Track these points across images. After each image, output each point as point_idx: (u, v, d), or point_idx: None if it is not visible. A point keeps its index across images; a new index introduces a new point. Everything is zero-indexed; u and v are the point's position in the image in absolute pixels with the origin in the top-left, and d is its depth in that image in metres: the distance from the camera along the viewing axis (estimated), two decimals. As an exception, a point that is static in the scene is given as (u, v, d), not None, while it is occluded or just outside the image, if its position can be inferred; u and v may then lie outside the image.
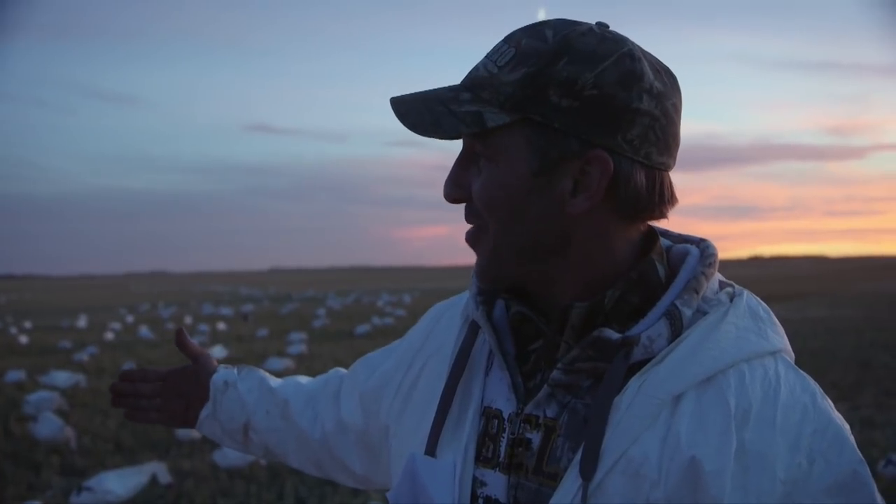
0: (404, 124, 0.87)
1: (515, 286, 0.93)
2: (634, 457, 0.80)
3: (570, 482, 0.82)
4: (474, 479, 0.91)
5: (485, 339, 0.97)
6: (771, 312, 0.90)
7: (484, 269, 0.91)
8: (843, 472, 0.80)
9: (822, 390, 0.86)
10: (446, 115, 0.86)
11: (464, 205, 0.91)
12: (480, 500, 0.90)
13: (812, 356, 12.62)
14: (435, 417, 0.95)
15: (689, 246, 0.94)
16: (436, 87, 0.89)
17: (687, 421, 0.80)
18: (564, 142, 0.84)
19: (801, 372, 0.87)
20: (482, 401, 0.94)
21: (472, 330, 0.97)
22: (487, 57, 0.88)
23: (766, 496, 0.78)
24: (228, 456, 7.02)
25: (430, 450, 0.94)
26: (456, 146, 0.91)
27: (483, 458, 0.91)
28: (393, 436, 1.07)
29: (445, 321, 1.07)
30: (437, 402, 0.96)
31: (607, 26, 0.87)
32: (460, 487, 0.90)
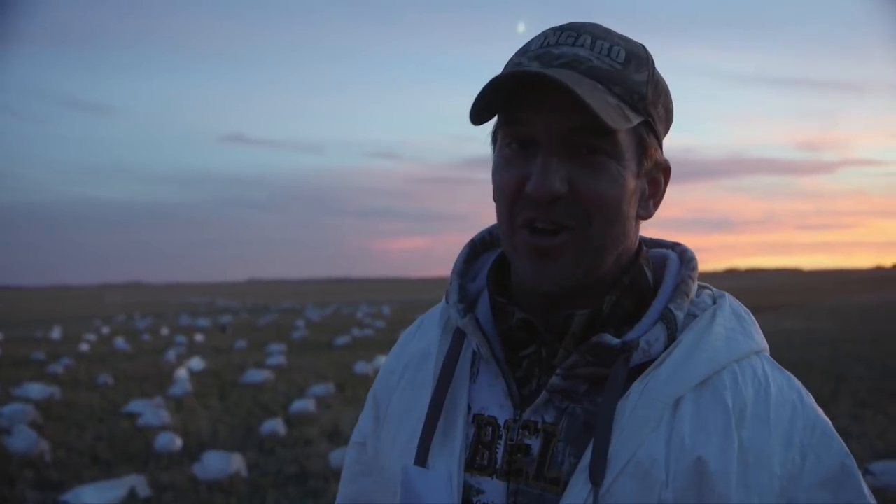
0: (596, 108, 0.77)
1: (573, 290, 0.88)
2: (643, 460, 0.81)
3: (579, 487, 0.82)
4: (470, 487, 0.90)
5: (466, 346, 0.95)
6: (750, 312, 0.93)
7: (567, 274, 0.85)
8: (833, 466, 0.84)
9: (805, 388, 0.90)
10: (604, 102, 0.80)
11: (543, 203, 0.84)
12: None
13: (788, 367, 12.52)
14: (424, 427, 0.93)
15: (665, 251, 0.96)
16: (413, 94, 0.87)
17: (688, 422, 0.82)
18: (657, 148, 0.89)
19: (784, 370, 0.90)
20: (470, 408, 0.93)
21: (458, 338, 0.95)
22: (587, 48, 0.83)
23: (766, 492, 0.81)
24: (208, 468, 6.96)
25: (421, 460, 0.92)
26: (436, 153, 0.87)
27: (478, 465, 0.90)
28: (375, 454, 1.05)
29: (419, 336, 1.04)
30: (420, 412, 0.94)
31: None
32: (457, 497, 0.89)
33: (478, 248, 1.02)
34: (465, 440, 0.92)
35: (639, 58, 0.86)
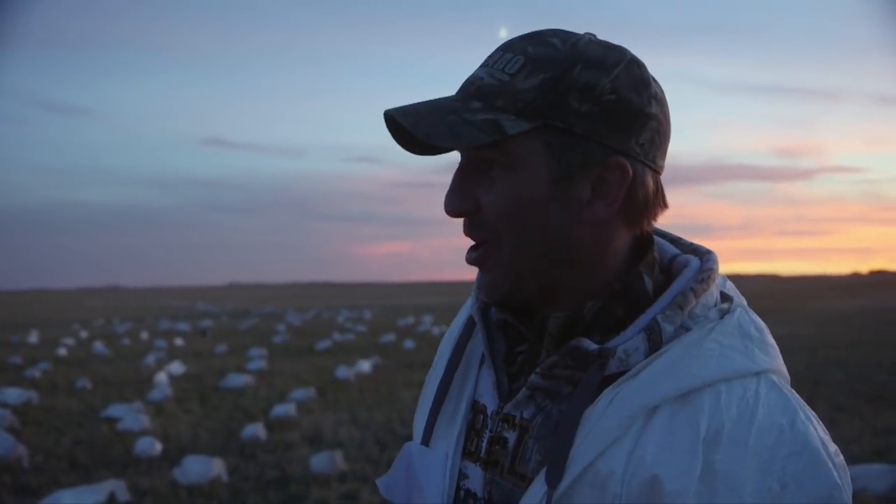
0: (417, 134, 0.82)
1: (522, 300, 0.90)
2: (601, 470, 0.79)
3: (537, 488, 0.82)
4: (460, 471, 0.93)
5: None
6: (765, 331, 0.87)
7: (497, 285, 0.88)
8: (816, 497, 0.76)
9: (807, 413, 0.82)
10: (461, 124, 0.82)
11: (463, 219, 0.88)
12: (462, 492, 0.92)
13: (766, 373, 12.84)
14: (430, 408, 0.97)
15: (691, 257, 0.92)
16: (395, 100, 0.87)
17: (656, 438, 0.78)
18: (585, 147, 0.83)
19: (786, 393, 0.83)
20: (473, 395, 0.96)
21: (470, 325, 0.99)
22: (488, 66, 0.86)
23: None
24: (188, 473, 6.93)
25: (426, 440, 0.96)
26: (418, 162, 0.89)
27: (468, 451, 0.93)
28: None
29: (454, 324, 1.08)
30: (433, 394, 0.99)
31: (595, 36, 0.87)
32: (448, 478, 0.92)
33: None
34: (465, 425, 0.94)
35: (539, 62, 0.83)
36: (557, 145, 0.83)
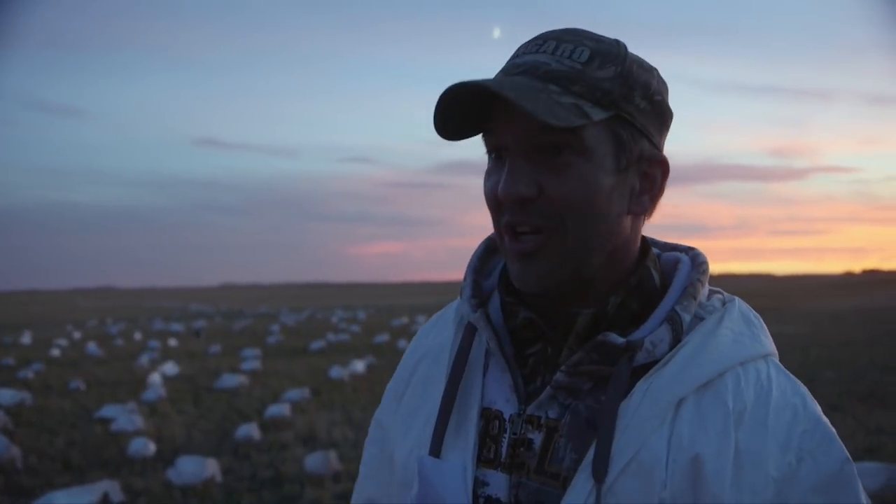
0: (527, 108, 0.79)
1: (559, 290, 0.89)
2: (645, 459, 0.81)
3: (582, 483, 0.83)
4: (476, 479, 0.91)
5: (480, 341, 0.97)
6: (760, 318, 0.93)
7: (551, 274, 0.86)
8: (830, 471, 0.83)
9: (810, 393, 0.90)
10: (554, 104, 0.81)
11: (514, 206, 0.86)
12: (481, 500, 0.90)
13: (759, 372, 12.89)
14: (438, 419, 0.94)
15: (678, 254, 0.97)
16: (390, 101, 0.85)
17: (688, 422, 0.82)
18: (641, 141, 0.87)
19: (791, 375, 0.90)
20: (482, 402, 0.94)
21: (469, 332, 0.97)
22: (547, 53, 0.85)
23: (760, 494, 0.80)
24: (182, 473, 6.92)
25: (435, 452, 0.93)
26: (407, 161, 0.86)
27: (484, 458, 0.91)
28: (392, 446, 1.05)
29: (435, 331, 1.06)
30: (433, 405, 0.96)
31: None
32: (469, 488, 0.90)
33: (494, 245, 1.03)
34: (478, 433, 0.93)
35: (605, 55, 0.85)
36: (625, 136, 0.86)
